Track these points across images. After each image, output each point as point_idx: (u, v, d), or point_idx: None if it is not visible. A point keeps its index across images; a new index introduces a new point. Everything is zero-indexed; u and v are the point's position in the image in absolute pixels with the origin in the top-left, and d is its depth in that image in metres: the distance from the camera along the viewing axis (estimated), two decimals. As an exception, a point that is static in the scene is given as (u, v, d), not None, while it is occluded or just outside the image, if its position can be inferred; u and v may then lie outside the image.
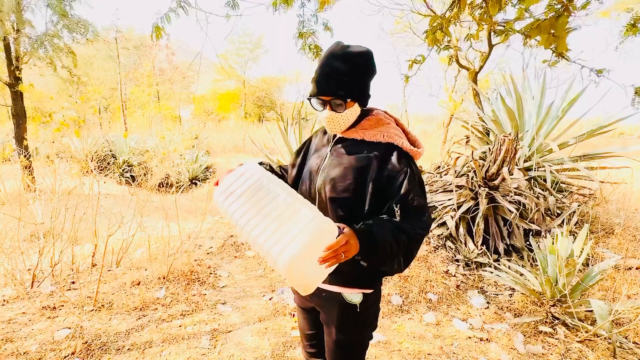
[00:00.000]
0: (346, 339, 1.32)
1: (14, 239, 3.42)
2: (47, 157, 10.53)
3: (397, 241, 1.10)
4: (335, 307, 1.30)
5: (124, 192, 8.32)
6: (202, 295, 3.16)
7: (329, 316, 1.33)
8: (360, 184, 1.21)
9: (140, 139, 11.94)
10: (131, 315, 2.78)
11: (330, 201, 1.25)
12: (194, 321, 2.75)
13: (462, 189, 4.29)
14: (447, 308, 3.11)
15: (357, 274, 1.24)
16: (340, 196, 1.23)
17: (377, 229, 1.10)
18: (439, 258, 3.92)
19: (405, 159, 1.21)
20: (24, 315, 2.70)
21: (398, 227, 1.12)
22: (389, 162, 1.20)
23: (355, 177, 1.21)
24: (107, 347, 2.39)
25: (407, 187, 1.16)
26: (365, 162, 1.21)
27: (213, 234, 4.67)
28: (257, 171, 1.25)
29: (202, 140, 14.25)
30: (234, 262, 4.00)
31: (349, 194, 1.22)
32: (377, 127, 1.26)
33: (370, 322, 1.34)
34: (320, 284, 1.17)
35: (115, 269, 3.59)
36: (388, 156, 1.21)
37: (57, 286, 3.17)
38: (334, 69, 1.18)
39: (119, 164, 10.60)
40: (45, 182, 4.38)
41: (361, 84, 1.21)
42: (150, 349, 2.40)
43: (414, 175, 1.19)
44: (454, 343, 2.60)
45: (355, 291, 1.27)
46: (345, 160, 1.25)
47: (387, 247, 1.08)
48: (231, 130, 20.71)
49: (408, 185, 1.17)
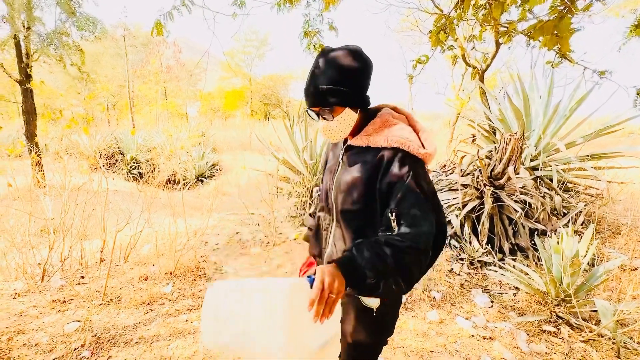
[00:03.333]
0: (361, 341, 1.31)
1: (25, 233, 3.49)
2: (57, 154, 10.68)
3: (380, 256, 1.04)
4: (353, 310, 1.30)
5: (132, 188, 8.42)
6: (208, 291, 3.20)
7: (346, 318, 1.33)
8: (368, 194, 1.18)
9: (148, 136, 12.05)
10: (139, 310, 2.83)
11: (342, 213, 1.25)
12: (200, 316, 2.79)
13: (468, 188, 4.29)
14: (451, 306, 3.13)
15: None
16: (352, 208, 1.22)
17: (355, 251, 1.05)
18: (443, 257, 3.92)
19: (409, 163, 1.15)
20: (34, 308, 2.77)
21: (380, 242, 1.07)
22: (390, 167, 1.15)
23: (363, 188, 1.19)
24: (115, 340, 2.44)
25: (403, 194, 1.11)
26: (371, 171, 1.18)
27: (219, 230, 4.72)
28: (219, 290, 1.10)
29: (208, 137, 14.34)
30: (239, 259, 4.04)
31: (360, 205, 1.20)
32: (382, 130, 1.22)
33: (386, 328, 1.33)
34: (338, 331, 1.15)
35: (123, 265, 3.65)
36: (390, 161, 1.16)
37: (66, 280, 3.24)
38: (315, 79, 1.17)
39: (127, 160, 10.72)
40: (55, 178, 4.46)
41: (348, 86, 1.16)
42: (158, 342, 2.44)
43: (416, 180, 1.12)
44: (457, 341, 2.61)
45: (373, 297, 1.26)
46: (353, 170, 1.23)
47: (370, 266, 1.02)
48: (237, 128, 20.80)
49: (404, 192, 1.11)
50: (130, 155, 10.79)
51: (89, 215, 3.70)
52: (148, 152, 11.14)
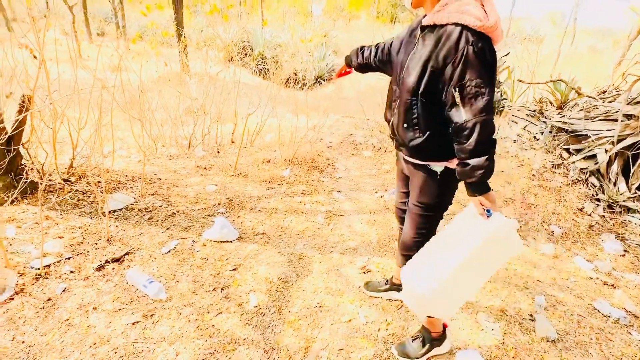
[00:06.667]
0: (424, 200, 1.50)
1: (176, 110, 4.10)
2: (197, 44, 11.77)
3: (471, 145, 1.21)
4: (421, 173, 1.48)
5: (258, 82, 9.01)
6: (320, 182, 3.46)
7: (414, 180, 1.52)
8: (425, 71, 1.27)
9: (274, 32, 12.32)
10: (262, 186, 3.24)
11: (406, 90, 1.35)
12: (312, 200, 3.08)
13: (631, 119, 3.53)
14: (571, 244, 2.85)
15: (438, 150, 1.38)
16: (414, 86, 1.31)
17: (481, 176, 1.25)
18: (574, 193, 3.48)
19: (468, 37, 1.17)
20: (184, 170, 3.37)
21: (472, 144, 1.22)
22: (447, 43, 1.21)
23: (423, 65, 1.27)
24: (243, 205, 2.87)
25: (464, 69, 1.18)
26: (431, 49, 1.25)
27: (334, 130, 4.87)
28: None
29: (330, 38, 14.05)
30: (350, 158, 4.19)
31: (419, 83, 1.30)
32: (447, 6, 1.24)
33: (447, 191, 1.49)
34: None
35: (250, 147, 4.11)
36: (448, 37, 1.21)
37: (206, 152, 3.81)
38: None
39: (255, 55, 11.30)
40: (197, 66, 4.95)
41: None
42: (276, 214, 2.81)
43: (475, 54, 1.17)
44: (570, 278, 2.43)
45: (438, 163, 1.42)
46: (419, 49, 1.32)
47: (489, 170, 1.23)
48: (360, 30, 19.82)
49: (465, 67, 1.18)
50: (258, 50, 11.30)
51: (224, 99, 4.13)
52: (274, 49, 11.50)
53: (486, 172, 1.23)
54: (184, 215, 2.63)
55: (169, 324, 1.70)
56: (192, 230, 2.46)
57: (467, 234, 1.33)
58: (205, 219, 2.61)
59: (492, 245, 1.29)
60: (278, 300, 1.94)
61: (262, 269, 2.17)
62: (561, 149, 4.03)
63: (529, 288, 2.25)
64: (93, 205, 2.54)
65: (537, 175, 3.73)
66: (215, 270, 2.11)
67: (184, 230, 2.45)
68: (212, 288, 1.97)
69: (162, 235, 2.35)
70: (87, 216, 2.42)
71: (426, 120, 1.34)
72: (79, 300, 1.77)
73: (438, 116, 1.31)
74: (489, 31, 1.19)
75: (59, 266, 1.95)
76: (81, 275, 1.92)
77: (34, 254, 1.99)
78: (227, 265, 2.17)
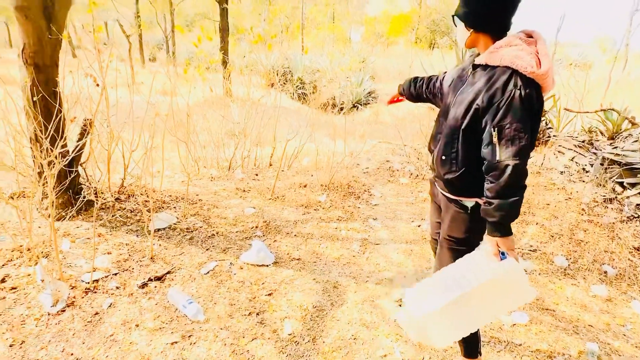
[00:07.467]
0: (454, 234, 1.51)
1: (218, 133, 4.28)
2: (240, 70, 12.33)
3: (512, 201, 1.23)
4: (453, 207, 1.50)
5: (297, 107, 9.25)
6: (356, 208, 3.46)
7: (446, 214, 1.54)
8: (468, 106, 1.31)
9: (313, 58, 12.69)
10: (298, 210, 3.28)
11: (448, 126, 1.40)
12: (348, 227, 3.07)
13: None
14: (627, 287, 2.64)
15: (470, 186, 1.40)
16: (456, 123, 1.35)
17: (503, 219, 1.27)
18: (630, 230, 3.24)
19: (517, 81, 1.19)
20: (224, 191, 3.48)
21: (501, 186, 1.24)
22: (496, 84, 1.23)
23: (469, 104, 1.31)
24: (279, 229, 2.92)
25: (507, 110, 1.20)
26: (479, 86, 1.29)
27: (370, 156, 4.88)
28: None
29: (368, 64, 14.27)
30: (387, 185, 4.16)
31: (461, 120, 1.34)
32: (501, 49, 1.26)
33: (477, 227, 1.46)
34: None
35: (287, 171, 4.19)
36: (498, 79, 1.23)
37: (245, 175, 3.92)
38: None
39: (294, 81, 11.65)
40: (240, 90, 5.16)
41: (469, 6, 1.34)
42: (311, 239, 2.82)
43: (521, 99, 1.18)
44: (626, 325, 2.24)
45: (470, 199, 1.44)
46: (468, 86, 1.36)
47: (513, 213, 1.26)
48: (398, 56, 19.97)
49: (508, 109, 1.19)
50: (298, 75, 11.65)
51: (264, 124, 4.28)
52: (312, 74, 11.82)
53: (508, 215, 1.26)
54: (222, 237, 2.70)
55: (205, 346, 1.74)
56: (230, 252, 2.52)
57: (476, 271, 1.36)
58: (242, 241, 2.67)
59: (498, 287, 1.34)
60: (312, 329, 1.93)
61: (297, 295, 2.17)
62: (614, 183, 3.80)
63: (579, 333, 2.10)
64: (139, 223, 2.68)
65: (587, 210, 3.52)
66: (251, 294, 2.14)
67: (222, 252, 2.51)
68: (248, 312, 1.99)
69: (202, 256, 2.43)
70: (134, 234, 2.54)
71: (464, 156, 1.37)
72: (123, 316, 1.84)
73: (476, 154, 1.34)
74: (540, 79, 1.21)
75: (107, 281, 2.05)
76: (126, 292, 2.01)
77: (85, 268, 2.12)
78: (262, 289, 2.20)
